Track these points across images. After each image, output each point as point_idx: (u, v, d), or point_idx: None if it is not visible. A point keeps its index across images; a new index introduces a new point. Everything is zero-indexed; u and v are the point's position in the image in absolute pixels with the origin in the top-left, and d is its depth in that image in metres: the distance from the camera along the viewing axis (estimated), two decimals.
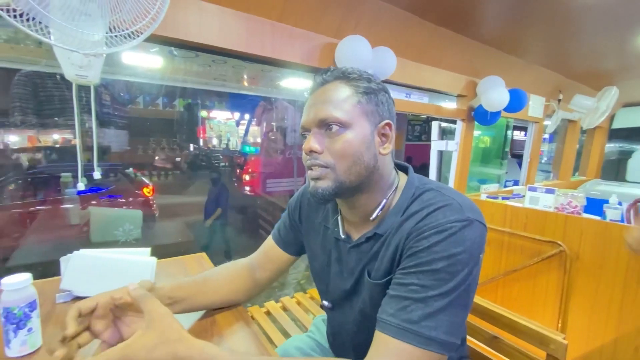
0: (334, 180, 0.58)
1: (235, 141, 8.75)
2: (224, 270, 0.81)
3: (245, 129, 7.54)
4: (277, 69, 1.47)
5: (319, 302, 1.53)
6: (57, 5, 0.71)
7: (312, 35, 1.32)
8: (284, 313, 1.44)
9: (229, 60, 1.72)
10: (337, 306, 0.74)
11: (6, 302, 0.59)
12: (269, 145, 5.41)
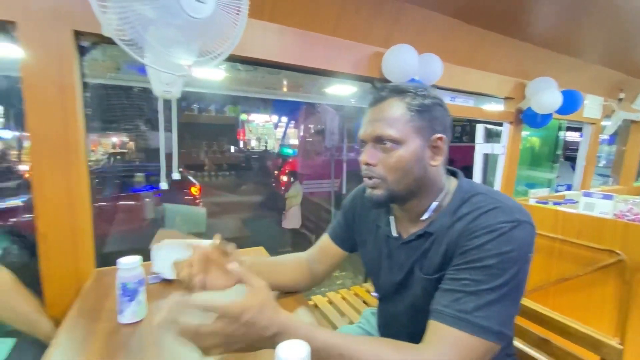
0: (386, 190, 0.66)
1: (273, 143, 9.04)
2: (289, 259, 0.92)
3: (284, 131, 7.78)
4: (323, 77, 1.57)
5: (363, 298, 1.60)
6: (156, 34, 0.86)
7: (361, 46, 1.40)
8: (330, 306, 1.53)
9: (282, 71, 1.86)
10: (388, 298, 0.80)
11: (123, 278, 0.74)
12: (308, 147, 5.56)
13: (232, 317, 0.51)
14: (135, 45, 0.83)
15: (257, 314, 0.53)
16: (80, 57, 0.97)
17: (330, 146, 4.87)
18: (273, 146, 9.09)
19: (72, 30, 0.93)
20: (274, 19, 1.19)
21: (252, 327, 0.52)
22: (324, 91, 2.32)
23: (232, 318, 0.51)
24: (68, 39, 0.93)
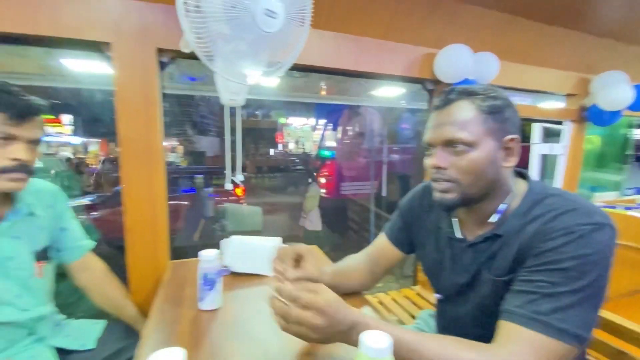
0: (460, 193, 0.65)
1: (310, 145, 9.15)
2: (351, 262, 0.94)
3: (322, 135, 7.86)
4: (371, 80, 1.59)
5: (413, 300, 1.59)
6: (229, 48, 0.94)
7: (412, 48, 1.40)
8: (380, 307, 1.55)
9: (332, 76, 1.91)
10: (450, 299, 0.80)
11: (204, 269, 0.82)
12: (347, 149, 5.58)
13: (318, 309, 0.56)
14: (210, 57, 0.91)
15: (336, 310, 0.58)
16: (161, 71, 1.09)
17: (371, 148, 4.86)
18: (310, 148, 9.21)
19: (156, 47, 1.04)
20: (329, 27, 1.23)
21: (335, 321, 0.57)
22: (371, 94, 2.33)
23: (318, 310, 0.56)
24: (152, 55, 1.05)
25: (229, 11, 0.83)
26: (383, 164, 4.81)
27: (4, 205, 0.83)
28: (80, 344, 0.93)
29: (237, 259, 1.02)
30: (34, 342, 0.86)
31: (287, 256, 0.76)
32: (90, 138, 5.23)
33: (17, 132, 0.76)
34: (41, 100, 0.81)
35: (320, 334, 0.58)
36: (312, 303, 0.56)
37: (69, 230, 0.99)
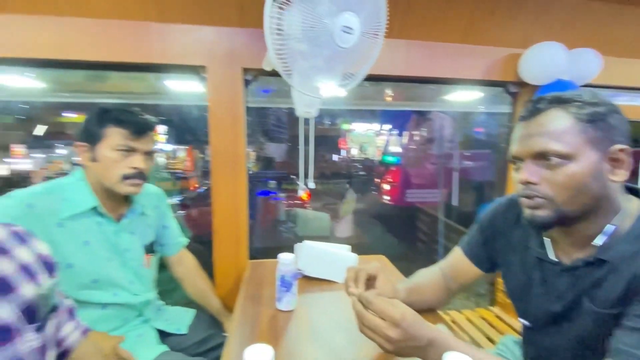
0: (554, 211, 0.59)
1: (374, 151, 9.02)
2: (424, 278, 0.91)
3: (386, 140, 7.71)
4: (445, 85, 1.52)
5: (490, 322, 1.46)
6: (307, 64, 1.00)
7: (493, 50, 1.31)
8: (453, 325, 1.45)
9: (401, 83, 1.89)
10: (540, 328, 0.72)
11: (282, 271, 0.88)
12: (413, 155, 5.38)
13: (393, 321, 0.56)
14: (289, 73, 0.99)
15: (412, 323, 0.57)
16: (245, 88, 1.21)
17: (440, 154, 4.61)
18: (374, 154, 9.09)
19: (242, 67, 1.16)
20: (401, 35, 1.23)
21: (409, 336, 0.57)
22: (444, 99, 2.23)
23: (393, 322, 0.56)
24: (238, 74, 1.17)
25: (308, 31, 0.89)
26: (454, 171, 4.51)
27: (124, 206, 1.01)
28: (175, 328, 1.07)
29: (309, 263, 1.07)
30: (141, 323, 1.02)
31: (359, 279, 0.73)
32: (179, 145, 5.95)
33: (136, 145, 0.92)
34: (153, 118, 0.96)
35: (394, 346, 0.58)
36: (387, 313, 0.57)
37: (169, 228, 1.16)
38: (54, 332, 0.58)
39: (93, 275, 0.90)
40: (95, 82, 2.63)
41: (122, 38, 1.09)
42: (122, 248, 0.97)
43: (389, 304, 0.59)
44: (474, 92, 1.84)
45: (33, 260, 0.57)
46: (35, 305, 0.53)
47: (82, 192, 0.90)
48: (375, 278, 0.74)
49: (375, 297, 0.60)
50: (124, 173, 0.90)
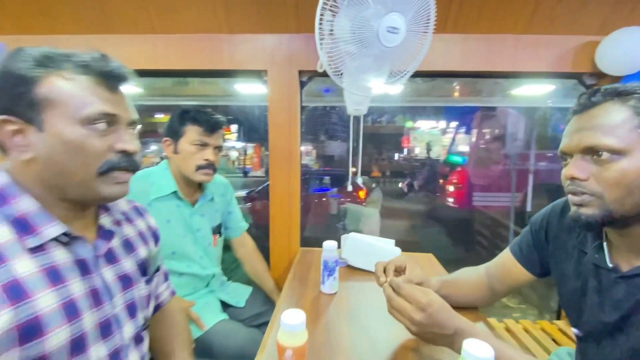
0: (601, 209, 0.55)
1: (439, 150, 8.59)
2: (465, 275, 0.91)
3: (452, 138, 7.27)
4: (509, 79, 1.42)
5: (552, 336, 1.34)
6: (355, 65, 1.05)
7: (563, 39, 1.20)
8: (507, 334, 1.37)
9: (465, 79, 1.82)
10: (593, 339, 0.67)
11: (325, 257, 0.95)
12: (482, 155, 5.00)
13: (419, 306, 0.60)
14: (338, 74, 1.05)
15: (439, 310, 0.60)
16: (301, 89, 1.31)
17: (512, 154, 4.21)
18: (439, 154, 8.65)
19: (298, 70, 1.27)
20: (456, 30, 1.20)
21: (435, 322, 0.60)
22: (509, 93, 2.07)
23: (419, 306, 0.60)
24: (294, 77, 1.27)
25: (356, 33, 0.94)
26: (529, 173, 4.08)
27: (197, 192, 1.19)
28: (235, 301, 1.22)
29: (353, 254, 1.13)
30: (207, 293, 1.20)
31: (388, 270, 0.77)
32: (248, 143, 6.47)
33: (208, 141, 1.08)
34: (223, 117, 1.12)
35: (419, 329, 0.61)
36: (414, 298, 0.61)
37: (233, 213, 1.32)
38: (155, 287, 0.75)
39: (172, 248, 1.09)
40: (179, 87, 3.05)
41: (200, 49, 1.28)
42: (195, 228, 1.15)
43: (417, 290, 0.63)
44: (545, 86, 1.68)
45: (145, 229, 0.74)
46: (146, 263, 0.69)
47: (165, 179, 1.10)
48: (403, 270, 0.77)
49: (404, 283, 0.64)
50: (198, 164, 1.08)
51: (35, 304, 0.47)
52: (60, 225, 0.52)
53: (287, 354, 0.53)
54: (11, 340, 0.44)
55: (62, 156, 0.51)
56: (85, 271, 0.55)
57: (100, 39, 1.29)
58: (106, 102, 0.53)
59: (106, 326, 0.57)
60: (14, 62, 0.50)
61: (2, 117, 0.49)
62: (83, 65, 0.52)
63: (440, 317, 0.60)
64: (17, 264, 0.47)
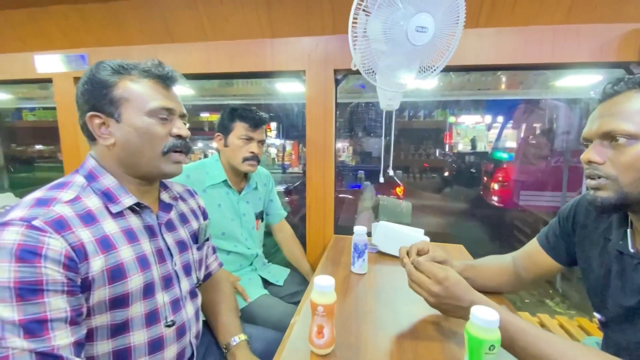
0: (616, 192, 0.58)
1: (484, 146, 8.20)
2: (493, 262, 0.94)
3: (498, 133, 6.89)
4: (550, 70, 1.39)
5: (588, 331, 1.31)
6: (385, 62, 1.12)
7: (606, 28, 1.16)
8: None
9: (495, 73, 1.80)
10: (615, 324, 0.69)
11: (356, 240, 1.04)
12: (529, 151, 4.71)
13: (436, 279, 0.67)
14: (371, 72, 1.13)
15: (455, 284, 0.66)
16: (335, 87, 1.40)
17: (561, 149, 3.94)
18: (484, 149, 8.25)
19: (333, 69, 1.36)
20: (489, 24, 1.21)
21: (451, 294, 0.66)
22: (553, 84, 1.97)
23: (437, 280, 0.67)
24: (330, 75, 1.37)
25: (387, 33, 1.01)
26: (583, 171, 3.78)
27: (243, 181, 1.34)
28: (275, 280, 1.36)
29: (383, 240, 1.21)
30: (251, 270, 1.34)
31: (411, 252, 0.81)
32: (287, 140, 6.70)
33: (253, 135, 1.22)
34: (266, 115, 1.25)
35: (436, 300, 0.68)
36: (433, 272, 0.68)
37: (274, 201, 1.46)
38: (204, 256, 0.90)
39: (222, 229, 1.25)
40: (225, 88, 3.29)
41: (247, 53, 1.42)
42: (241, 212, 1.30)
43: (436, 266, 0.70)
44: (592, 76, 1.59)
45: (196, 207, 0.89)
46: (197, 233, 0.85)
47: (217, 169, 1.26)
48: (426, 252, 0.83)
49: (424, 260, 0.72)
50: (244, 156, 1.22)
51: (118, 254, 0.63)
52: (134, 197, 0.68)
53: (318, 309, 0.63)
54: (103, 279, 0.59)
55: (135, 140, 0.67)
56: (152, 234, 0.71)
57: (162, 48, 1.49)
58: (164, 98, 0.69)
59: (168, 279, 0.72)
60: (97, 72, 0.67)
61: (91, 113, 0.66)
62: (146, 70, 0.69)
63: (457, 290, 0.67)
64: (105, 224, 0.63)
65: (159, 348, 0.68)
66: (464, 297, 0.67)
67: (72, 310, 0.54)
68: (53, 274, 0.52)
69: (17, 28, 1.54)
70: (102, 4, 1.38)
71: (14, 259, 0.50)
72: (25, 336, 0.49)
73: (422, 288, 0.70)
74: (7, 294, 0.49)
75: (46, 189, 0.63)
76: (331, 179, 1.44)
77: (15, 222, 0.53)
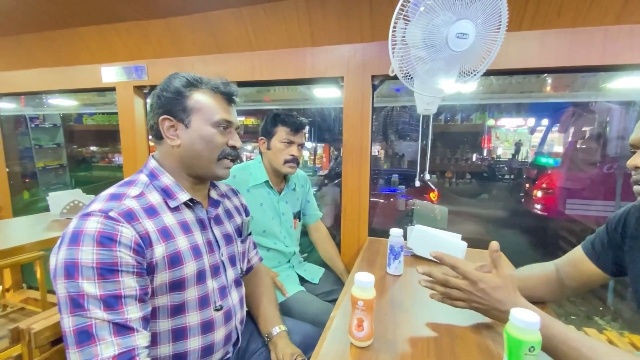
0: None
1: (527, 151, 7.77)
2: (531, 268, 0.93)
3: (542, 137, 6.50)
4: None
5: (633, 344, 1.22)
6: (424, 67, 1.14)
7: None
8: None
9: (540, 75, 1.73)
10: None
11: (392, 242, 1.07)
12: (577, 156, 4.41)
13: (470, 281, 0.69)
14: (409, 77, 1.15)
15: (492, 289, 0.68)
16: (372, 92, 1.44)
17: (616, 156, 3.65)
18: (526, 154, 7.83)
19: (370, 74, 1.40)
20: (533, 27, 1.19)
21: (488, 297, 0.68)
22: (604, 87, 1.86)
23: (470, 282, 0.69)
24: (367, 81, 1.41)
25: (427, 40, 1.04)
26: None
27: (283, 182, 1.41)
28: (311, 277, 1.41)
29: (419, 244, 1.22)
30: (288, 267, 1.41)
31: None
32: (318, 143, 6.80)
33: (294, 139, 1.29)
34: (306, 120, 1.32)
35: (477, 302, 0.69)
36: (467, 273, 0.69)
37: (310, 202, 1.52)
38: (247, 249, 0.98)
39: (263, 227, 1.33)
40: (263, 93, 3.43)
41: (288, 61, 1.50)
42: (280, 212, 1.38)
43: (470, 267, 0.71)
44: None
45: (239, 205, 0.98)
46: (240, 228, 0.92)
47: (260, 171, 1.34)
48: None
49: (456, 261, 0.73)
50: (285, 158, 1.29)
51: (176, 243, 0.71)
52: (188, 194, 0.77)
53: (359, 303, 0.67)
54: (164, 265, 0.68)
55: (198, 145, 0.76)
56: (203, 227, 0.80)
57: (212, 58, 1.61)
58: (226, 112, 0.79)
59: (216, 268, 0.80)
60: (174, 81, 0.78)
61: (164, 116, 0.76)
62: (215, 87, 0.79)
63: (497, 294, 0.68)
64: (165, 217, 0.72)
65: (210, 329, 0.76)
66: (506, 300, 0.67)
67: (140, 289, 0.63)
68: (125, 257, 0.61)
69: (88, 43, 1.74)
70: (161, 19, 1.53)
71: (95, 243, 0.59)
72: (105, 309, 0.58)
73: (462, 290, 0.71)
74: (91, 272, 0.58)
75: (117, 186, 0.73)
76: (366, 181, 1.48)
77: (96, 213, 0.63)
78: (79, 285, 0.57)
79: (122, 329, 0.59)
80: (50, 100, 3.80)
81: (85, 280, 0.58)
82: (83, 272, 0.58)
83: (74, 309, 0.57)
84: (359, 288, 0.68)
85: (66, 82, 1.91)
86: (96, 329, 0.57)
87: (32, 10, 1.52)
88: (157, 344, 0.71)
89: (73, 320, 0.57)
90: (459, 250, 1.14)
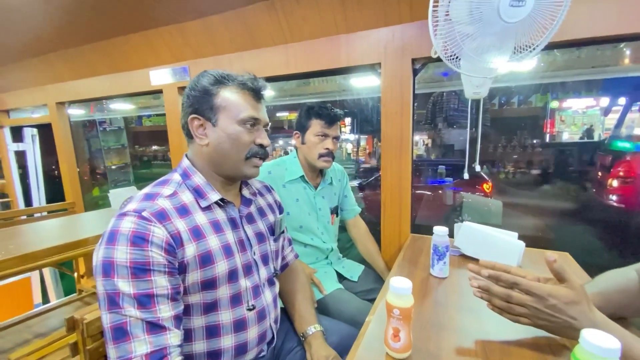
0: None
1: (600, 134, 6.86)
2: (614, 280, 0.77)
3: (619, 118, 5.66)
4: None
5: None
6: (472, 45, 1.01)
7: None
8: None
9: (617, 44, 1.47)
10: None
11: (436, 241, 0.98)
12: None
13: (538, 297, 0.59)
14: (454, 58, 1.03)
15: (564, 304, 0.58)
16: (413, 77, 1.33)
17: None
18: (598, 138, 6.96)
19: (411, 58, 1.29)
20: None
21: (558, 313, 0.58)
22: None
23: (538, 298, 0.59)
24: (407, 65, 1.30)
25: (474, 12, 0.91)
26: None
27: (319, 177, 1.37)
28: (349, 275, 1.37)
29: (467, 243, 1.10)
30: (326, 264, 1.38)
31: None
32: (361, 135, 6.68)
33: (328, 132, 1.24)
34: (340, 111, 1.26)
35: (545, 319, 0.59)
36: (533, 289, 0.59)
37: (348, 197, 1.46)
38: (280, 247, 0.96)
39: (300, 222, 1.31)
40: (302, 87, 3.41)
41: (323, 51, 1.45)
42: (317, 207, 1.34)
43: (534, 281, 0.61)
44: None
45: (273, 202, 0.95)
46: (274, 226, 0.90)
47: (295, 165, 1.32)
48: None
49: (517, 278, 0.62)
50: (320, 152, 1.25)
51: (207, 242, 0.71)
52: (218, 194, 0.76)
53: (394, 312, 0.61)
54: (195, 264, 0.68)
55: (225, 144, 0.75)
56: (235, 226, 0.78)
57: (247, 54, 1.62)
58: (254, 109, 0.77)
59: (249, 267, 0.79)
60: (202, 80, 0.76)
61: (193, 115, 0.76)
62: (242, 83, 0.76)
63: (570, 310, 0.58)
64: (196, 216, 0.72)
65: (243, 328, 0.75)
66: (582, 317, 0.57)
67: (172, 288, 0.63)
68: (157, 257, 0.62)
69: (137, 49, 1.85)
70: (198, 20, 1.57)
71: (129, 243, 0.61)
72: (138, 307, 0.59)
73: (527, 307, 0.61)
74: (125, 271, 0.59)
75: (152, 185, 0.75)
76: (408, 174, 1.38)
77: (130, 213, 0.64)
78: (115, 284, 0.59)
79: (155, 327, 0.60)
80: (112, 105, 4.19)
81: (120, 279, 0.59)
82: (118, 271, 0.59)
83: (110, 307, 0.59)
84: (395, 295, 0.62)
85: (121, 87, 2.06)
86: (130, 326, 0.58)
87: (89, 21, 1.65)
88: (192, 340, 0.72)
89: (110, 317, 0.59)
90: (515, 251, 1.01)
